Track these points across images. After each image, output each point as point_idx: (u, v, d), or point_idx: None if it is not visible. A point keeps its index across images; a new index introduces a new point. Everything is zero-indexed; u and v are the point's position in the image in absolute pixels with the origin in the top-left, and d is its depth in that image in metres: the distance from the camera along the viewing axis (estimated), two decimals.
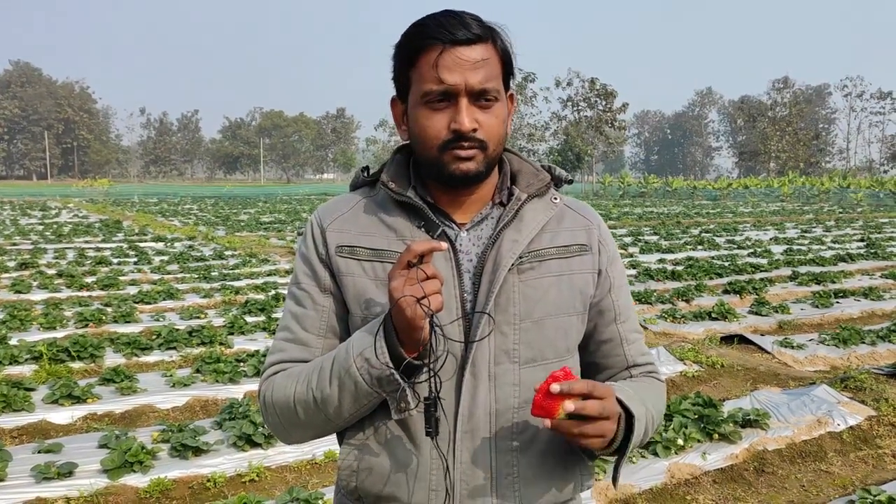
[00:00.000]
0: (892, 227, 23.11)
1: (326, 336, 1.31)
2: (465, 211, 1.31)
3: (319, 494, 3.69)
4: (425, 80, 1.20)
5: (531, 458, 1.27)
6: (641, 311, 8.79)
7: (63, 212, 30.24)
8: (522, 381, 1.26)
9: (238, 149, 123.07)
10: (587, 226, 1.37)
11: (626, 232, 19.95)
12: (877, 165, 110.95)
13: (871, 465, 4.46)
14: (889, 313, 8.91)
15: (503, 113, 1.26)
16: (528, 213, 1.30)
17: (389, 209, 1.31)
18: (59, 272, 11.66)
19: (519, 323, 1.26)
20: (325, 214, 1.35)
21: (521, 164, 1.37)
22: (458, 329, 1.24)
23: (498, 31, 1.26)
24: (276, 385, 1.29)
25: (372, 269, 1.27)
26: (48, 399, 5.24)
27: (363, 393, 1.19)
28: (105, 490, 3.92)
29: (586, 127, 59.27)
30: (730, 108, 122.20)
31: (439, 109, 1.21)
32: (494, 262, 1.26)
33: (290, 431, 1.31)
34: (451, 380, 1.23)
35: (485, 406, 1.24)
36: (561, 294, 1.30)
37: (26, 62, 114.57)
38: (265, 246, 16.73)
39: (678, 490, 4.03)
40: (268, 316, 8.25)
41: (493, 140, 1.24)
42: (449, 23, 1.19)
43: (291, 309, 1.34)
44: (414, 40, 1.22)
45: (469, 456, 1.24)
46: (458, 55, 1.18)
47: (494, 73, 1.23)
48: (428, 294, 1.09)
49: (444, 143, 1.22)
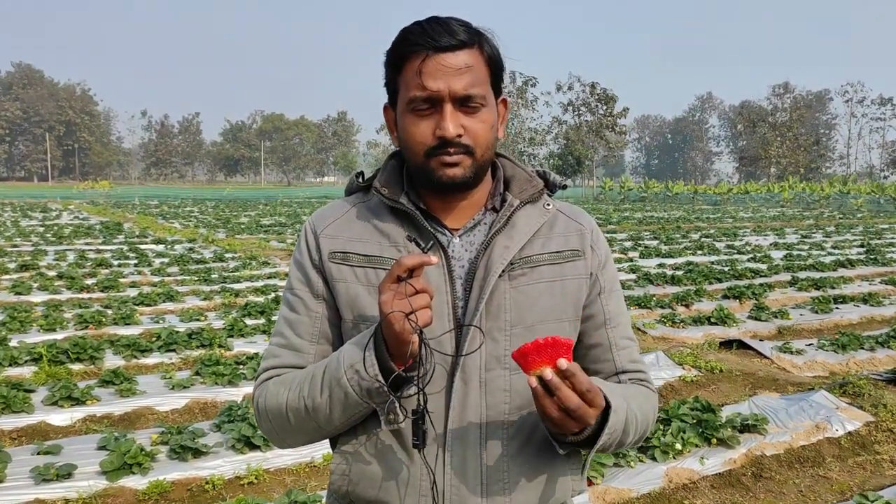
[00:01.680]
0: (892, 232, 23.11)
1: (319, 342, 1.32)
2: (457, 217, 1.31)
3: (318, 497, 3.70)
4: (410, 86, 1.21)
5: (522, 464, 1.27)
6: (641, 316, 8.80)
7: (64, 213, 30.26)
8: (514, 388, 1.26)
9: (239, 151, 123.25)
10: (580, 230, 1.37)
11: (626, 236, 19.96)
12: (877, 171, 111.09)
13: (869, 471, 4.47)
14: (888, 319, 8.91)
15: (491, 118, 1.26)
16: (520, 219, 1.30)
17: (382, 215, 1.31)
18: (60, 274, 11.67)
19: (510, 329, 1.26)
20: (318, 220, 1.35)
21: (514, 170, 1.37)
22: (449, 338, 1.24)
23: (486, 37, 1.26)
24: (268, 391, 1.30)
25: (364, 275, 1.28)
26: (48, 401, 5.24)
27: (353, 403, 1.19)
28: (104, 492, 3.93)
29: (587, 131, 59.25)
30: (730, 113, 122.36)
31: (425, 116, 1.22)
32: (486, 268, 1.26)
33: (283, 437, 1.32)
34: (441, 386, 1.23)
35: (475, 412, 1.24)
36: (553, 300, 1.30)
37: (28, 64, 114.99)
38: (265, 248, 16.75)
39: (676, 495, 4.03)
40: (267, 318, 8.26)
41: (481, 145, 1.24)
42: (433, 29, 1.20)
43: (285, 314, 1.35)
44: (399, 47, 1.22)
45: (459, 462, 1.24)
46: (441, 62, 1.19)
47: (480, 79, 1.23)
48: (416, 309, 1.09)
49: (430, 150, 1.22)
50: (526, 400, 1.27)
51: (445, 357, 1.23)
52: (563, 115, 60.92)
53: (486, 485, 1.25)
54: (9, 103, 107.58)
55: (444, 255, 1.27)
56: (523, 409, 1.27)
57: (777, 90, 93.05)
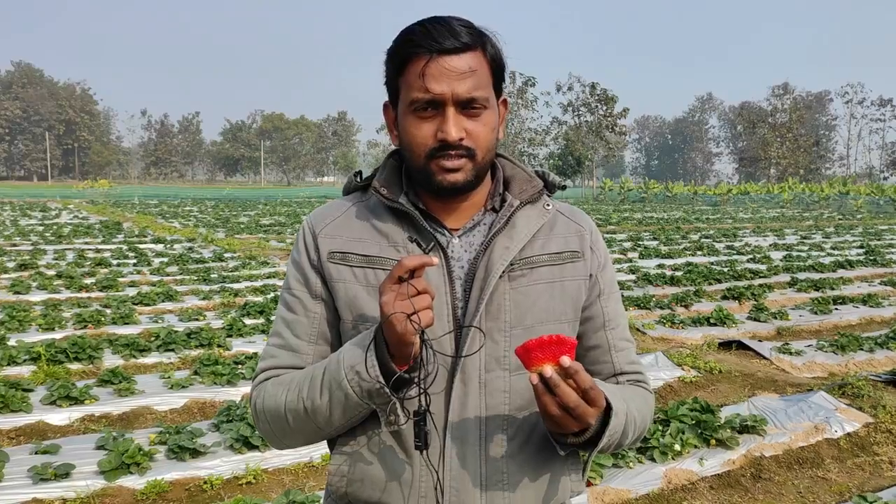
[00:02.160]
0: (891, 233, 23.12)
1: (318, 343, 1.31)
2: (457, 217, 1.31)
3: (316, 497, 3.69)
4: (413, 88, 1.20)
5: (521, 465, 1.27)
6: (640, 317, 8.80)
7: (63, 213, 30.27)
8: (513, 389, 1.26)
9: (238, 151, 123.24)
10: (580, 231, 1.36)
11: (625, 237, 19.96)
12: (877, 172, 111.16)
13: (868, 472, 4.46)
14: (888, 320, 8.91)
15: (493, 121, 1.25)
16: (520, 219, 1.30)
17: (381, 215, 1.30)
18: (59, 273, 11.67)
19: (510, 330, 1.26)
20: (317, 220, 1.34)
21: (513, 170, 1.36)
22: (449, 339, 1.23)
23: (489, 38, 1.25)
24: (267, 392, 1.29)
25: (363, 275, 1.27)
26: (46, 400, 5.24)
27: (353, 405, 1.19)
28: (102, 491, 3.92)
29: (587, 131, 59.28)
30: (730, 113, 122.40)
31: (427, 118, 1.21)
32: (486, 268, 1.25)
33: (281, 438, 1.31)
34: (441, 388, 1.23)
35: (475, 413, 1.24)
36: (552, 301, 1.29)
37: (28, 63, 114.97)
38: (265, 248, 16.75)
39: (675, 496, 4.03)
40: (266, 318, 8.26)
41: (482, 148, 1.23)
42: (436, 31, 1.18)
43: (283, 315, 1.34)
44: (402, 48, 1.21)
45: (458, 463, 1.23)
46: (445, 65, 1.18)
47: (483, 82, 1.22)
48: (418, 310, 1.08)
49: (431, 152, 1.21)
50: (525, 401, 1.27)
51: (445, 358, 1.23)
52: (562, 116, 60.98)
53: (485, 485, 1.24)
54: (8, 102, 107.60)
55: (443, 255, 1.26)
56: (523, 410, 1.27)
57: (777, 91, 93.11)
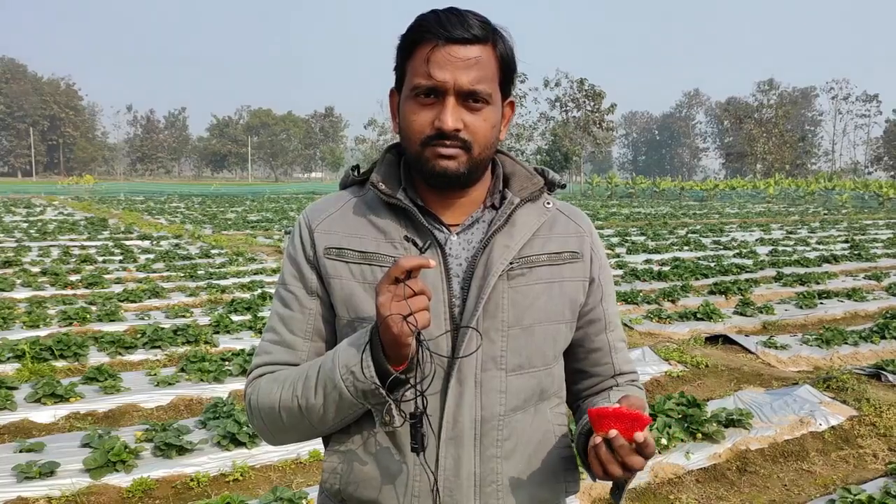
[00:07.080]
0: (875, 228, 23.33)
1: (313, 339, 1.30)
2: (455, 213, 1.29)
3: (303, 494, 3.69)
4: (417, 73, 1.20)
5: (516, 466, 1.26)
6: (627, 312, 8.84)
7: (48, 209, 29.97)
8: (509, 388, 1.25)
9: (226, 147, 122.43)
10: (579, 233, 1.36)
11: (613, 232, 20.02)
12: (862, 167, 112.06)
13: (852, 465, 4.51)
14: (872, 314, 8.99)
15: (494, 117, 1.24)
16: (520, 217, 1.29)
17: (379, 210, 1.29)
18: (44, 270, 11.56)
19: (507, 330, 1.25)
20: (313, 215, 1.32)
21: (514, 167, 1.35)
22: (446, 339, 1.22)
23: (501, 35, 1.24)
24: (261, 389, 1.28)
25: (360, 271, 1.26)
26: (31, 398, 5.19)
27: (348, 404, 1.18)
28: (87, 490, 3.90)
29: (574, 127, 59.42)
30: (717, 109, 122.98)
31: (427, 105, 1.20)
32: (485, 267, 1.24)
33: (275, 435, 1.31)
34: (437, 388, 1.22)
35: (470, 413, 1.23)
36: (551, 301, 1.29)
37: (11, 58, 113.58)
38: (252, 244, 16.66)
39: (662, 489, 4.05)
40: (254, 315, 8.22)
41: (479, 143, 1.22)
42: (449, 20, 1.18)
43: (278, 310, 1.33)
44: (412, 33, 1.21)
45: (453, 463, 1.23)
46: (451, 53, 1.17)
47: (488, 76, 1.21)
48: (415, 311, 1.07)
49: (427, 139, 1.21)
50: (521, 401, 1.26)
51: (441, 359, 1.22)
52: (550, 111, 61.07)
53: (479, 486, 1.24)
54: None
55: (441, 252, 1.25)
56: (518, 410, 1.27)
57: (762, 86, 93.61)
